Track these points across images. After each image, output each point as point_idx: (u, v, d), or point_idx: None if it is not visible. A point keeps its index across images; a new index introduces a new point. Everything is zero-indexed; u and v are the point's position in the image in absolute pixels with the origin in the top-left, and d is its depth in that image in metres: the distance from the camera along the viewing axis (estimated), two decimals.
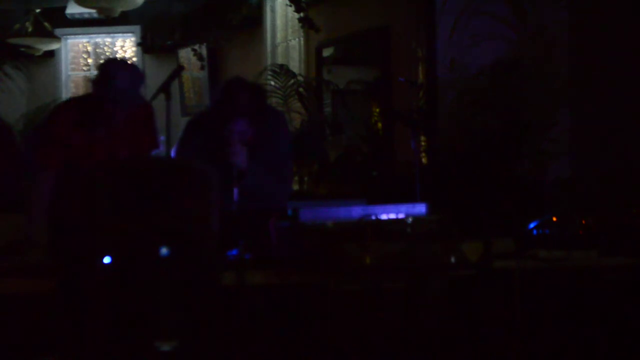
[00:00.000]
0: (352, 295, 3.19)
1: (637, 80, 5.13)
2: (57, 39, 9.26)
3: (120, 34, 10.18)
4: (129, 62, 4.80)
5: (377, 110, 6.70)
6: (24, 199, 4.09)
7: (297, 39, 7.83)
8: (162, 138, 4.02)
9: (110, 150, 4.01)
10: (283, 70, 7.24)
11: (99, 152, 3.99)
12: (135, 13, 8.32)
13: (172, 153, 4.19)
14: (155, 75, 9.34)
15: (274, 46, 8.22)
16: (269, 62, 7.98)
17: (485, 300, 3.34)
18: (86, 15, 9.26)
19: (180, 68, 4.55)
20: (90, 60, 10.23)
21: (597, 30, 5.34)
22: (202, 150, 3.89)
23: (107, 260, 2.71)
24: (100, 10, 7.57)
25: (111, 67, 4.01)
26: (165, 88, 3.85)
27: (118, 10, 7.57)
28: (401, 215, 3.26)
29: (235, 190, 3.82)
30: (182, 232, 2.78)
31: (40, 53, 9.15)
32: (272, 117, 4.21)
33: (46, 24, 9.06)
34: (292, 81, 7.15)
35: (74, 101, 4.23)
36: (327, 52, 7.32)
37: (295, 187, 6.45)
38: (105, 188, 2.80)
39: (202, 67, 8.79)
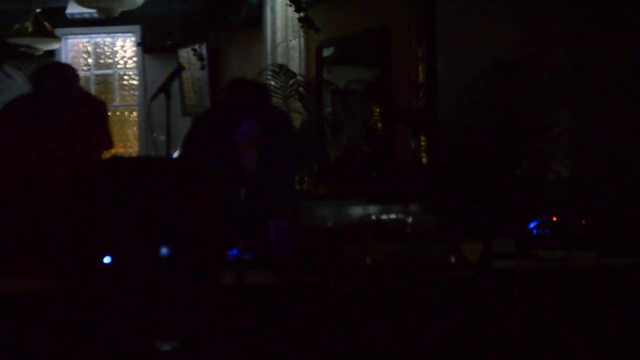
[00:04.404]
0: (352, 295, 3.19)
1: (637, 80, 5.13)
2: (57, 39, 9.26)
3: (120, 34, 10.18)
4: (58, 65, 4.83)
5: (377, 110, 6.70)
6: None
7: (297, 39, 7.83)
8: (162, 138, 4.02)
9: (62, 149, 4.02)
10: (283, 70, 7.24)
11: (51, 151, 4.01)
12: (135, 13, 8.31)
13: (177, 153, 4.19)
14: (155, 75, 9.39)
15: (274, 46, 8.22)
16: (269, 62, 7.98)
17: (485, 300, 3.34)
18: (86, 15, 9.27)
19: (180, 68, 4.55)
20: (90, 60, 10.24)
21: (597, 30, 5.34)
22: (208, 151, 3.89)
23: (107, 260, 2.71)
24: (100, 10, 7.57)
25: (37, 76, 4.04)
26: (165, 88, 3.86)
27: (118, 10, 7.56)
28: (401, 215, 3.26)
29: (242, 191, 3.83)
30: (182, 232, 2.78)
31: (40, 53, 9.15)
32: (277, 117, 4.22)
33: (46, 24, 9.05)
34: (292, 81, 7.15)
35: (18, 102, 4.27)
36: (327, 52, 7.32)
37: (295, 187, 6.45)
38: (104, 188, 2.80)
39: (202, 67, 8.79)
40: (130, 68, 10.26)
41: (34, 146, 4.02)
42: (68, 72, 4.09)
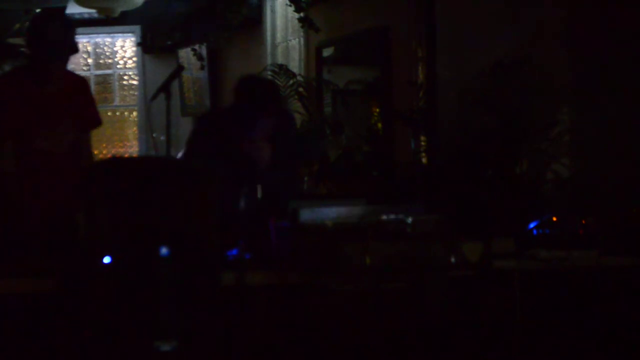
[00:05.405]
0: (352, 295, 3.19)
1: (638, 80, 5.13)
2: None
3: (120, 34, 10.18)
4: (60, 11, 4.88)
5: (377, 110, 6.70)
6: None
7: (297, 39, 7.83)
8: (162, 138, 4.02)
9: (53, 117, 4.03)
10: (283, 70, 7.23)
11: (42, 117, 4.02)
12: (135, 13, 8.32)
13: (181, 152, 4.18)
14: (155, 75, 9.38)
15: (274, 46, 8.22)
16: (269, 62, 7.98)
17: (485, 300, 3.34)
18: (86, 15, 9.26)
19: (180, 68, 4.56)
20: (90, 60, 10.23)
21: (597, 29, 5.34)
22: (218, 150, 3.88)
23: (107, 260, 2.71)
24: (100, 10, 7.58)
25: (41, 21, 4.07)
26: (165, 88, 3.86)
27: (118, 10, 7.57)
28: (401, 215, 3.26)
29: (259, 187, 3.84)
30: (182, 232, 2.78)
31: None
32: (286, 114, 4.26)
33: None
34: (292, 81, 7.14)
35: (11, 70, 4.34)
36: (327, 52, 7.32)
37: (297, 186, 6.45)
38: (104, 188, 2.80)
39: (202, 67, 8.79)
40: (130, 68, 10.26)
41: (23, 109, 4.02)
42: (69, 19, 4.15)
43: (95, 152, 4.43)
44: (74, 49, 4.08)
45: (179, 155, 4.42)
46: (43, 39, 3.97)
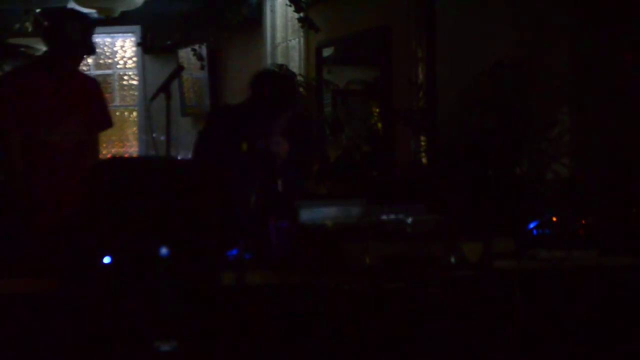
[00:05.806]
0: (352, 295, 3.19)
1: (638, 80, 5.13)
2: None
3: (120, 34, 10.17)
4: (77, 11, 4.89)
5: (377, 110, 6.70)
6: None
7: (297, 39, 7.83)
8: (162, 138, 4.01)
9: (62, 112, 4.04)
10: (283, 70, 7.23)
11: (51, 112, 4.02)
12: (135, 13, 8.31)
13: (195, 152, 4.13)
14: (155, 75, 9.38)
15: (274, 46, 8.22)
16: (269, 62, 7.98)
17: (485, 300, 3.34)
18: None
19: (180, 68, 4.54)
20: (90, 60, 10.22)
21: (597, 30, 5.34)
22: (232, 146, 3.86)
23: (107, 260, 2.71)
24: (100, 10, 7.57)
25: (61, 17, 4.07)
26: (165, 88, 3.86)
27: (118, 10, 7.56)
28: (401, 215, 3.26)
29: (279, 183, 3.83)
30: (182, 232, 2.78)
31: (40, 53, 9.15)
32: (301, 110, 4.25)
33: (46, 24, 9.03)
34: None
35: (25, 65, 4.36)
36: (327, 52, 7.32)
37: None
38: (104, 188, 2.80)
39: (202, 67, 8.79)
40: (130, 68, 10.26)
41: (31, 103, 4.02)
42: (90, 20, 4.15)
43: None
44: (91, 50, 4.08)
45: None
46: (61, 36, 3.97)
